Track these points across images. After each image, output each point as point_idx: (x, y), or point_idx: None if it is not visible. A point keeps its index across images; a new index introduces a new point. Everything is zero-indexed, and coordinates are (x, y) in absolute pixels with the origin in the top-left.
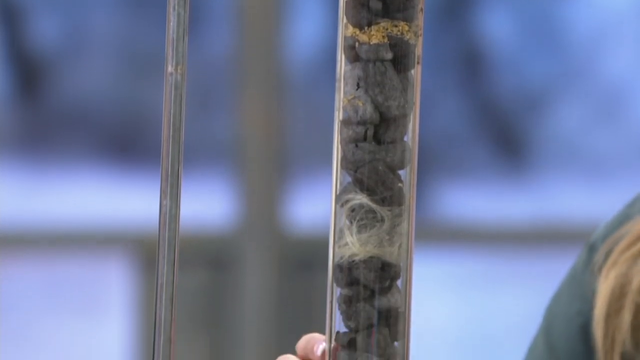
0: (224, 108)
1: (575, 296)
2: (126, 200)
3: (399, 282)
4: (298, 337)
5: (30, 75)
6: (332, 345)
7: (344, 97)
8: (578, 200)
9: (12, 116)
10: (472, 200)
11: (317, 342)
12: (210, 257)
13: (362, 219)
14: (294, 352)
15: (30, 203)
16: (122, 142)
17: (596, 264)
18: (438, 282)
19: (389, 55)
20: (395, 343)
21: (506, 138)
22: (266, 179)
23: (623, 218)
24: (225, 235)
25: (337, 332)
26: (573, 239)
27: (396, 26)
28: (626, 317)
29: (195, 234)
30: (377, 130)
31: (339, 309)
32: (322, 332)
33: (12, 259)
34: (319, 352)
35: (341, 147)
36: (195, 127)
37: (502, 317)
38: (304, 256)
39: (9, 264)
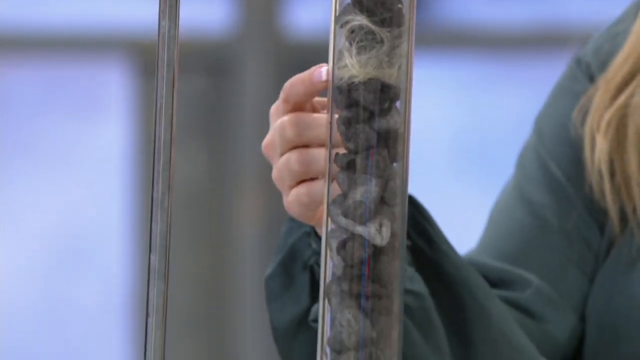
0: None
1: (565, 104)
2: (126, 3)
3: (398, 104)
4: None
5: None
6: (331, 167)
7: None
8: (578, 4)
9: None
10: (473, 4)
11: (317, 70)
12: (209, 62)
13: (362, 40)
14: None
15: (30, 5)
16: None
17: (586, 73)
18: (437, 85)
19: None
20: (394, 164)
21: None
22: None
23: (612, 35)
24: (224, 40)
25: (337, 154)
26: (572, 42)
27: None
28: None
29: (193, 39)
30: None
31: (338, 130)
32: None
33: (11, 61)
34: (323, 75)
35: None
36: None
37: (500, 119)
38: (302, 61)
39: (8, 66)
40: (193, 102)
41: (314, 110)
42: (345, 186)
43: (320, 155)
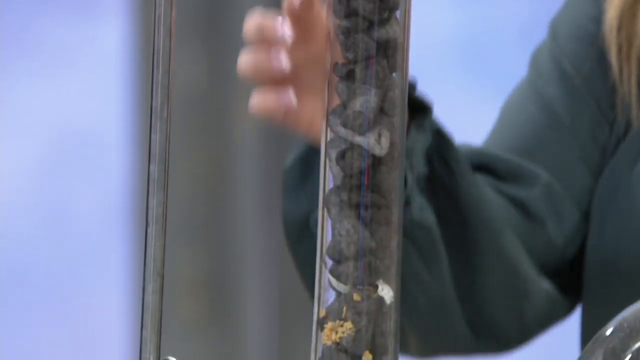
0: None
1: (581, 7)
2: None
3: (397, 13)
4: None
5: None
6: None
7: None
8: None
9: None
10: None
11: None
12: None
13: None
14: None
15: None
16: None
17: None
18: None
19: None
20: (394, 74)
21: None
22: None
23: None
24: None
25: (336, 64)
26: None
27: None
28: None
29: None
30: None
31: (337, 40)
32: None
33: None
34: None
35: None
36: None
37: (501, 26)
38: None
39: None
40: (191, 3)
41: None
42: (345, 96)
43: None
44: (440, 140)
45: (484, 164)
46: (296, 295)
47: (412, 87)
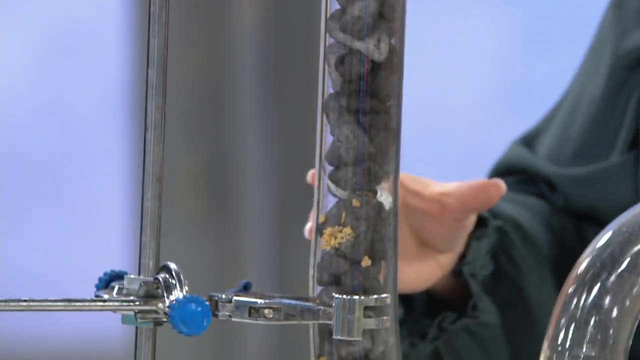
0: None
1: None
2: None
3: None
4: None
5: None
6: None
7: None
8: None
9: None
10: None
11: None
12: None
13: None
14: None
15: None
16: None
17: None
18: None
19: None
20: None
21: None
22: None
23: None
24: None
25: None
26: None
27: None
28: None
29: None
30: None
31: None
32: None
33: None
34: None
35: None
36: None
37: None
38: None
39: None
40: None
41: None
42: (344, 1)
43: None
44: (504, 238)
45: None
46: (295, 197)
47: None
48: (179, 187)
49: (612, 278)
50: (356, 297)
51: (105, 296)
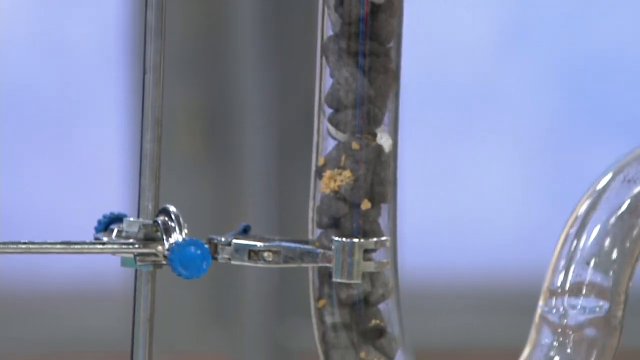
0: None
1: None
2: None
3: None
4: None
5: None
6: None
7: None
8: None
9: None
10: None
11: None
12: None
13: None
14: None
15: None
16: None
17: None
18: None
19: None
20: None
21: None
22: None
23: None
24: None
25: None
26: None
27: None
28: None
29: None
30: None
31: None
32: None
33: None
34: None
35: None
36: None
37: None
38: None
39: None
40: None
41: None
42: None
43: None
44: None
45: None
46: (294, 138)
47: None
48: (178, 128)
49: (612, 220)
50: (356, 240)
51: (105, 239)
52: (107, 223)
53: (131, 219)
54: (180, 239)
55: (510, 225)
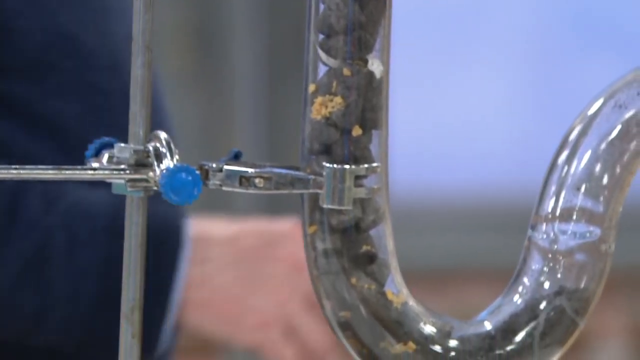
0: None
1: None
2: None
3: None
4: None
5: None
6: None
7: None
8: None
9: None
10: None
11: None
12: None
13: None
14: None
15: None
16: None
17: None
18: None
19: None
20: None
21: None
22: None
23: None
24: None
25: None
26: None
27: None
28: None
29: None
30: None
31: None
32: None
33: None
34: None
35: None
36: None
37: None
38: None
39: None
40: None
41: None
42: None
43: None
44: None
45: None
46: (285, 57)
47: None
48: (167, 41)
49: (603, 146)
50: (347, 166)
51: (96, 164)
52: (98, 149)
53: (122, 144)
54: (171, 165)
55: (501, 143)
